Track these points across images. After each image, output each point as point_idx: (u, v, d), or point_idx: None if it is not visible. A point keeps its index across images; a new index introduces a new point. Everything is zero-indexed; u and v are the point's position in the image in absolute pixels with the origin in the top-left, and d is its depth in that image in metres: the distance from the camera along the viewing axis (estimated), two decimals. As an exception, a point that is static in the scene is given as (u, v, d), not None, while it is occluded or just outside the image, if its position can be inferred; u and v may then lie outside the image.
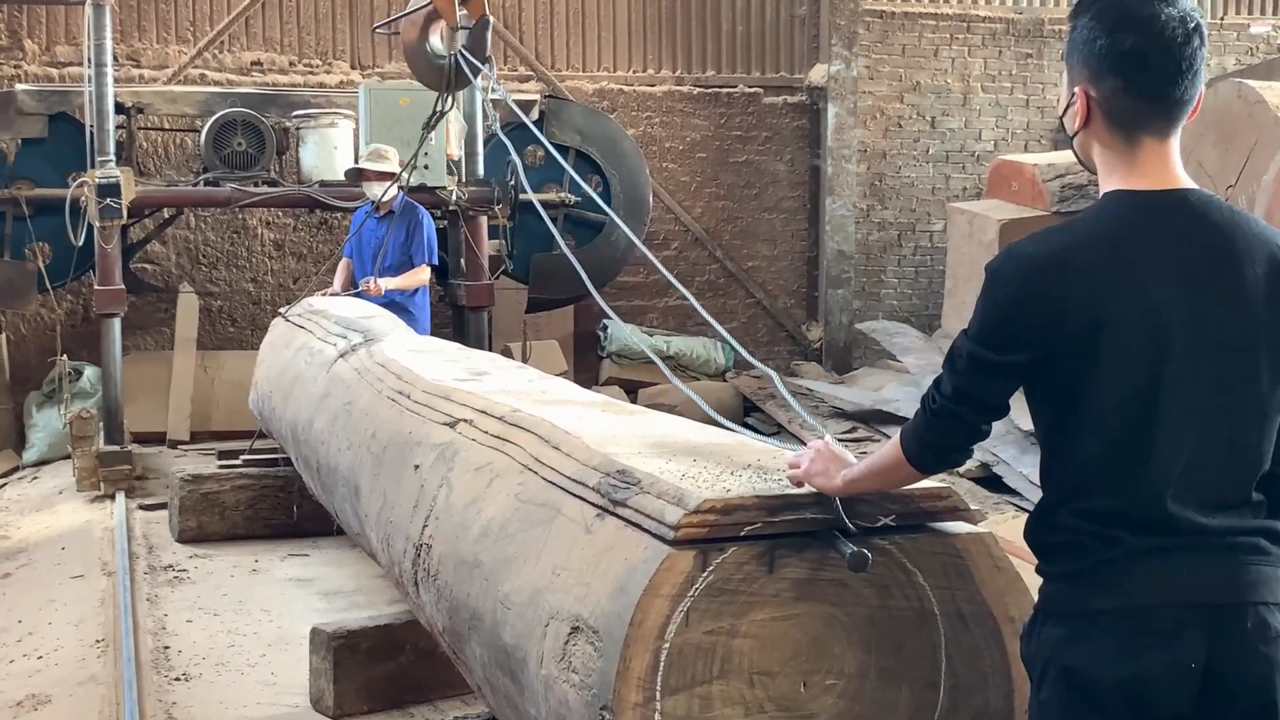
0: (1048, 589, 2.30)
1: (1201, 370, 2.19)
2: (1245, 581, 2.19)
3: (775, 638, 2.58)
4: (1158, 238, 2.20)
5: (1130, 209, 2.23)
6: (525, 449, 3.47)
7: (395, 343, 5.68)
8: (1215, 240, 2.22)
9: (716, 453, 3.14)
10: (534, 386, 4.58)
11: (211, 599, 6.08)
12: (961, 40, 12.42)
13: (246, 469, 7.34)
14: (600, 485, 2.95)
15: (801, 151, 12.37)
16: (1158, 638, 2.17)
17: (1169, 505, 2.19)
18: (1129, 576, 2.19)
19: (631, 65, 12.01)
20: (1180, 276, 2.19)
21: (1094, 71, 2.24)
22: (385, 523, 4.20)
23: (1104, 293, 2.17)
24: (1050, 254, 2.21)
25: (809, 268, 12.42)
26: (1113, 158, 2.28)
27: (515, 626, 2.99)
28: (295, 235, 11.29)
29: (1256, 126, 8.07)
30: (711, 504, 2.60)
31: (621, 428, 3.57)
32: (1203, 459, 2.20)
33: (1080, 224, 2.26)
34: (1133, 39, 2.20)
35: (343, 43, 11.38)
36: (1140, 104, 2.23)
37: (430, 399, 4.40)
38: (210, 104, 9.59)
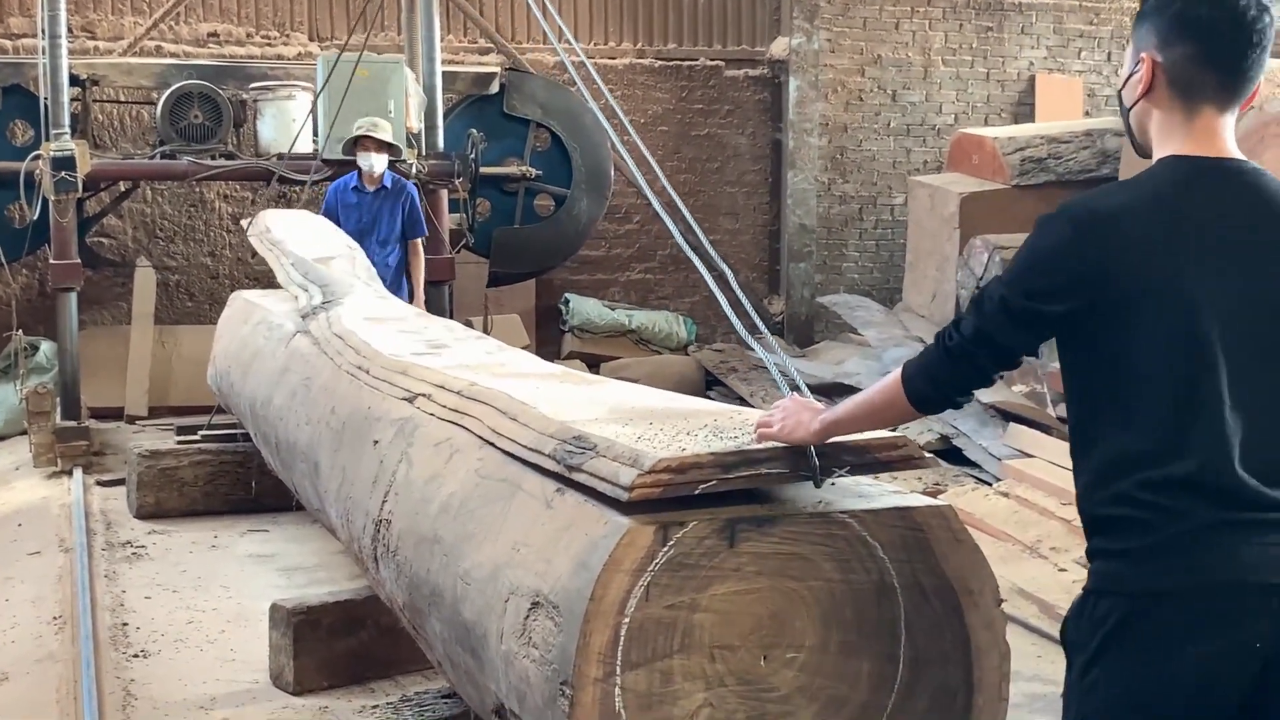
0: (1105, 567, 2.22)
1: (1252, 335, 2.18)
2: None
3: (736, 612, 2.58)
4: (1211, 202, 2.21)
5: (1185, 173, 2.24)
6: (483, 421, 3.45)
7: (354, 310, 5.63)
8: (1268, 208, 2.23)
9: (674, 415, 3.14)
10: (492, 359, 4.56)
11: (170, 575, 6.04)
12: (922, 14, 12.42)
13: (205, 445, 7.30)
14: (556, 452, 2.93)
15: (763, 125, 12.35)
16: (1226, 618, 2.12)
17: (1235, 474, 2.14)
18: (1199, 554, 2.13)
19: (593, 38, 11.95)
20: (1231, 242, 2.19)
21: (1163, 38, 2.26)
22: (345, 499, 4.18)
23: (1154, 254, 2.17)
24: (1103, 210, 2.21)
25: (771, 241, 12.42)
26: (1171, 125, 2.28)
27: (475, 602, 2.98)
28: (253, 209, 11.17)
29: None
30: (666, 463, 2.60)
31: (579, 397, 3.56)
32: (1260, 428, 2.17)
33: (1135, 184, 2.26)
34: (1207, 7, 2.22)
35: (300, 14, 11.27)
36: (1207, 72, 2.24)
37: (389, 374, 4.37)
38: (166, 76, 9.49)
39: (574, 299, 11.37)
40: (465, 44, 11.56)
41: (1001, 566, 5.67)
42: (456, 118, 10.09)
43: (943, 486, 7.32)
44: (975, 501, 6.97)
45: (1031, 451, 7.45)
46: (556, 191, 10.43)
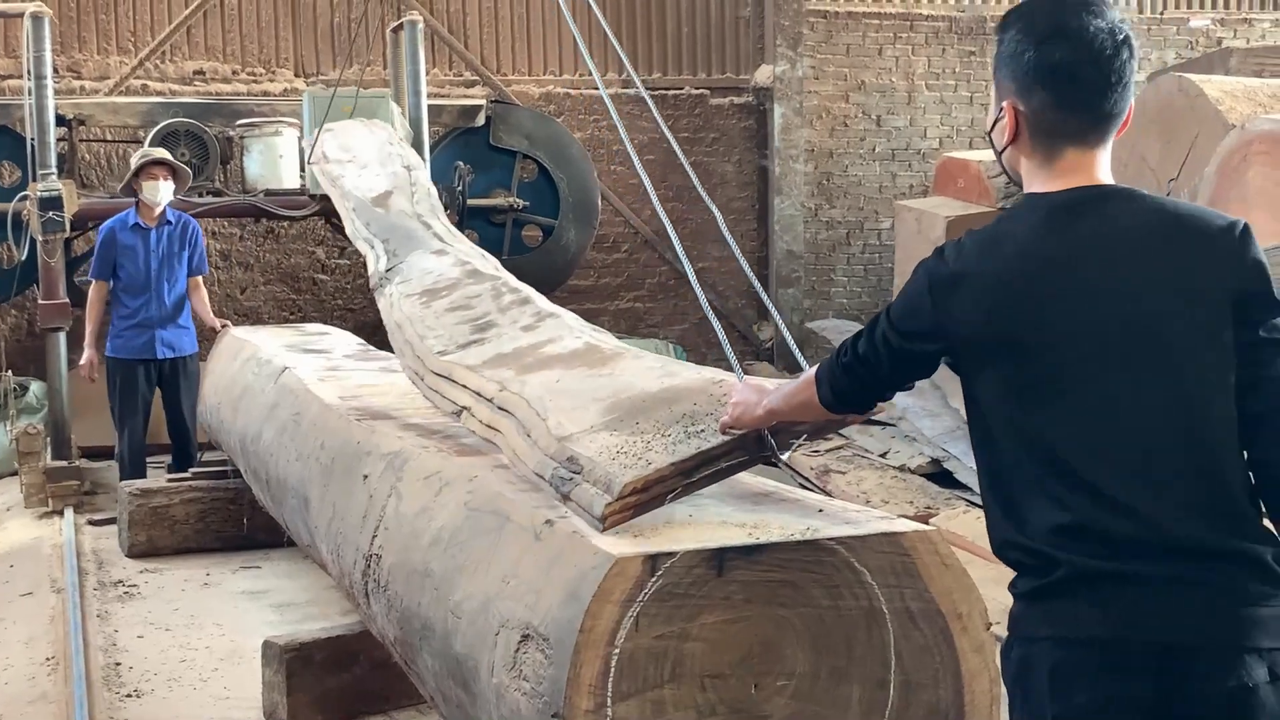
0: (1013, 609, 2.18)
1: (1137, 360, 2.09)
2: (1211, 618, 2.02)
3: (726, 640, 2.59)
4: (1068, 234, 2.14)
5: (1046, 209, 2.17)
6: (507, 439, 3.54)
7: (414, 278, 5.61)
8: (1128, 228, 2.14)
9: (661, 404, 3.19)
10: (530, 339, 4.44)
11: (162, 614, 6.03)
12: (905, 39, 12.48)
13: (196, 482, 7.27)
14: (553, 479, 3.05)
15: (749, 152, 12.39)
16: (1109, 671, 2.03)
17: (1116, 521, 2.04)
18: (1079, 604, 2.05)
19: (578, 69, 11.99)
20: (1093, 272, 2.11)
21: (1022, 85, 2.19)
22: (335, 534, 4.18)
23: (1003, 305, 2.13)
24: (949, 271, 2.19)
25: (759, 267, 12.44)
26: (1035, 167, 2.22)
27: (466, 636, 2.98)
28: (241, 245, 11.21)
29: (1198, 120, 8.15)
30: (632, 485, 2.74)
31: (587, 391, 3.58)
32: (1138, 469, 2.06)
33: (1000, 225, 2.21)
34: (1061, 52, 2.14)
35: (286, 50, 11.31)
36: (1069, 117, 2.17)
37: (438, 383, 4.38)
38: (153, 114, 9.50)
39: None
40: (451, 77, 11.61)
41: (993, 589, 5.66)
42: (443, 150, 10.12)
43: (934, 510, 7.32)
44: (967, 524, 6.97)
45: (1022, 473, 7.45)
46: (544, 222, 10.45)
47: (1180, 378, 2.09)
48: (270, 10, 11.28)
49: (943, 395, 8.37)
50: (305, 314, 11.04)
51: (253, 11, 11.25)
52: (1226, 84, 8.52)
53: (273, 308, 11.23)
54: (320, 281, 11.39)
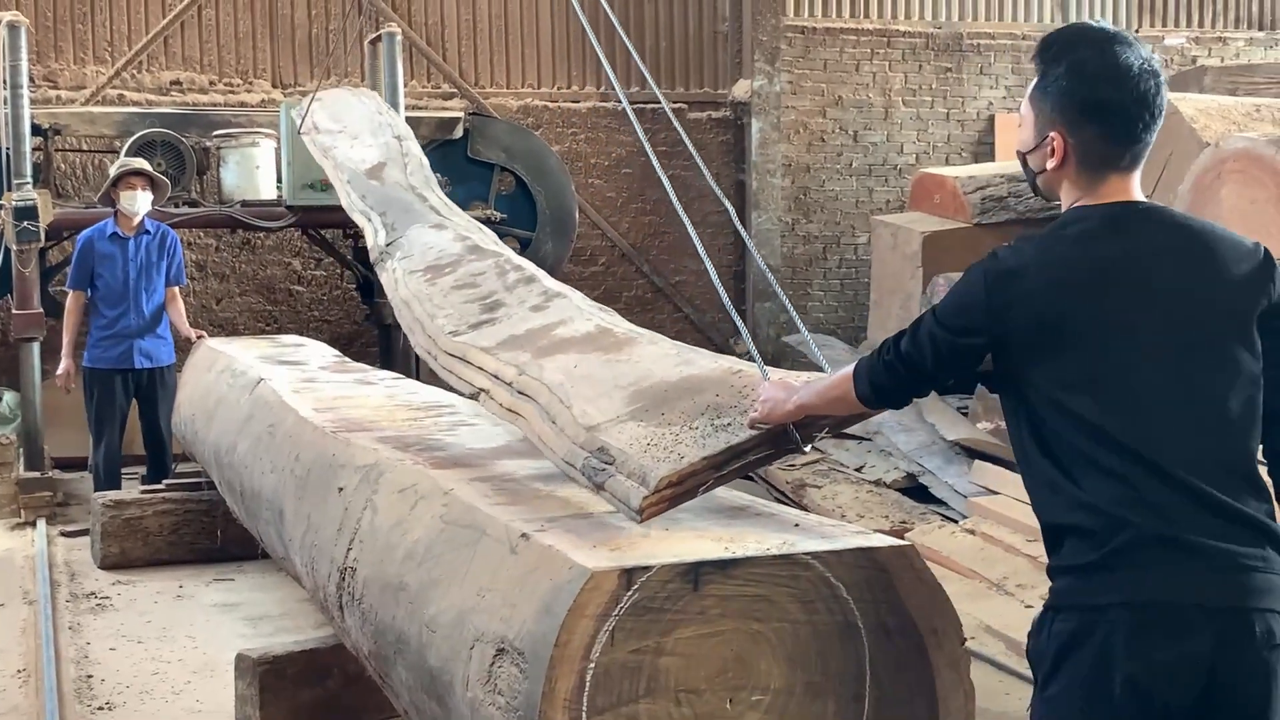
0: (1060, 583, 2.34)
1: (1168, 358, 2.31)
2: (1251, 588, 2.25)
3: (701, 655, 2.59)
4: (1116, 239, 2.36)
5: (1092, 218, 2.39)
6: (530, 424, 3.59)
7: (415, 254, 5.60)
8: (1168, 234, 2.38)
9: (683, 394, 3.23)
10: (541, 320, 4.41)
11: (135, 626, 5.99)
12: (882, 55, 12.53)
13: (169, 493, 7.24)
14: (585, 469, 3.11)
15: (727, 166, 12.41)
16: (1168, 634, 2.22)
17: (1170, 491, 2.26)
18: (1140, 572, 2.24)
19: (556, 82, 12.00)
20: (1139, 269, 2.33)
21: (1071, 120, 2.40)
22: (309, 546, 4.16)
23: (1058, 298, 2.32)
24: (1005, 267, 2.37)
25: (736, 281, 12.46)
26: (1079, 190, 2.43)
27: (441, 649, 2.97)
28: (218, 256, 11.18)
29: (1172, 137, 8.20)
30: (667, 479, 2.80)
31: (608, 378, 3.60)
32: (1191, 448, 2.28)
33: (1042, 238, 2.42)
34: (1110, 91, 2.37)
35: (263, 61, 11.29)
36: (1114, 148, 2.39)
37: (451, 363, 4.38)
38: (129, 124, 9.47)
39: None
40: (429, 89, 11.60)
41: (968, 604, 5.69)
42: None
43: (909, 524, 7.33)
44: (942, 539, 6.99)
45: (997, 488, 7.47)
46: (522, 235, 10.44)
47: (1216, 369, 2.34)
48: (248, 21, 11.26)
49: (918, 410, 8.38)
50: (281, 325, 11.01)
51: (230, 22, 11.23)
52: (1201, 102, 8.58)
53: (248, 319, 11.20)
54: (296, 293, 11.36)
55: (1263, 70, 10.61)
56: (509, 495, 3.36)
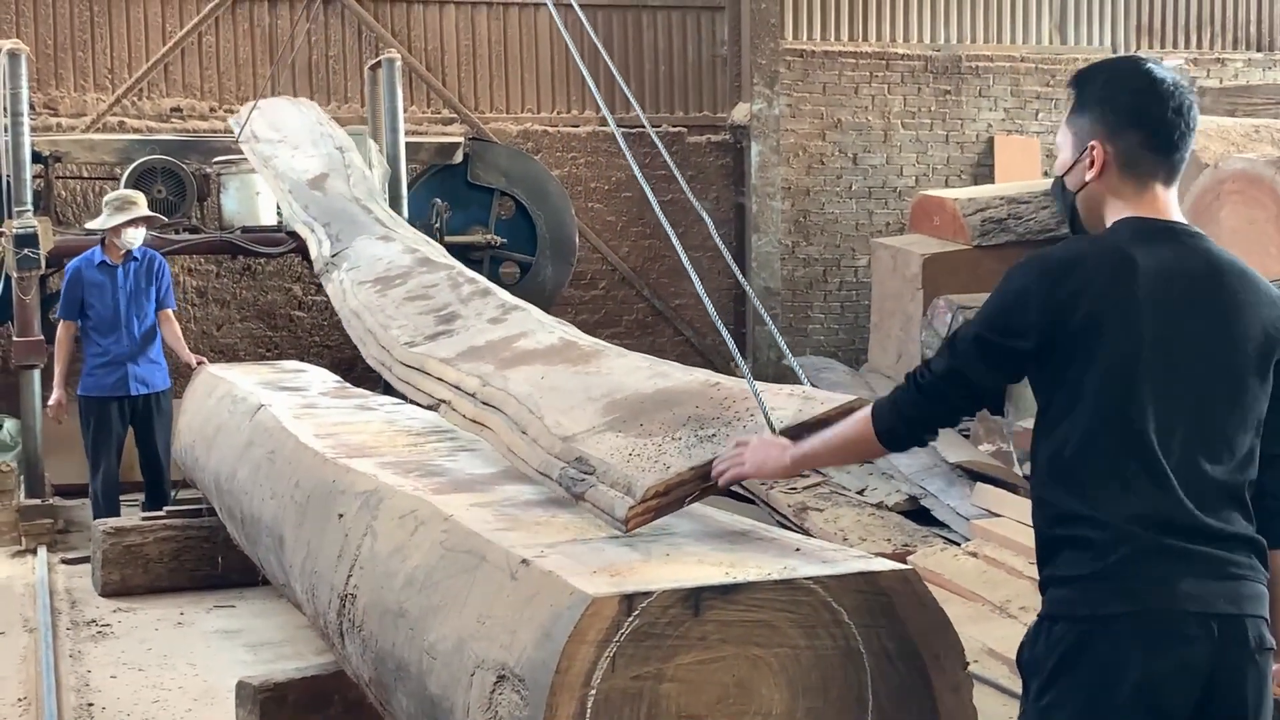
0: (1056, 593, 2.39)
1: (1192, 377, 2.38)
2: (1244, 594, 2.34)
3: (702, 681, 2.58)
4: (1161, 256, 2.40)
5: (1138, 230, 2.44)
6: (499, 435, 3.62)
7: (362, 264, 5.60)
8: (1210, 264, 2.44)
9: (662, 406, 3.23)
10: (500, 332, 4.39)
11: (136, 653, 5.98)
12: (881, 78, 12.55)
13: (170, 520, 7.23)
14: (562, 478, 3.12)
15: (726, 189, 12.43)
16: (1166, 643, 2.29)
17: (1176, 503, 2.33)
18: (1140, 581, 2.30)
19: (555, 106, 12.03)
20: (1177, 292, 2.39)
21: (1113, 128, 2.47)
22: (310, 573, 4.15)
23: (1108, 294, 2.36)
24: (1064, 257, 2.42)
25: (736, 305, 12.46)
26: (1125, 201, 2.49)
27: (441, 676, 2.96)
28: (218, 282, 11.19)
29: (1170, 159, 8.20)
30: (654, 489, 2.81)
31: (578, 389, 3.60)
32: (1198, 462, 2.36)
33: (1094, 238, 2.48)
34: (1149, 100, 2.46)
35: (264, 88, 11.31)
36: (1155, 155, 2.47)
37: (409, 374, 4.39)
38: (129, 151, 9.49)
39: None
40: (429, 114, 11.63)
41: (971, 627, 5.67)
42: (421, 187, 10.13)
43: (911, 547, 7.32)
44: (944, 562, 6.97)
45: (999, 511, 7.46)
46: (522, 259, 10.46)
47: (1232, 403, 2.42)
48: (248, 48, 11.29)
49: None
50: (282, 351, 11.01)
51: (230, 49, 11.26)
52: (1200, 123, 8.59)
53: (249, 345, 11.20)
54: (297, 318, 11.37)
55: (1261, 91, 10.64)
56: (509, 521, 3.35)
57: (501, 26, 11.86)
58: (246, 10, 11.30)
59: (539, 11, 11.93)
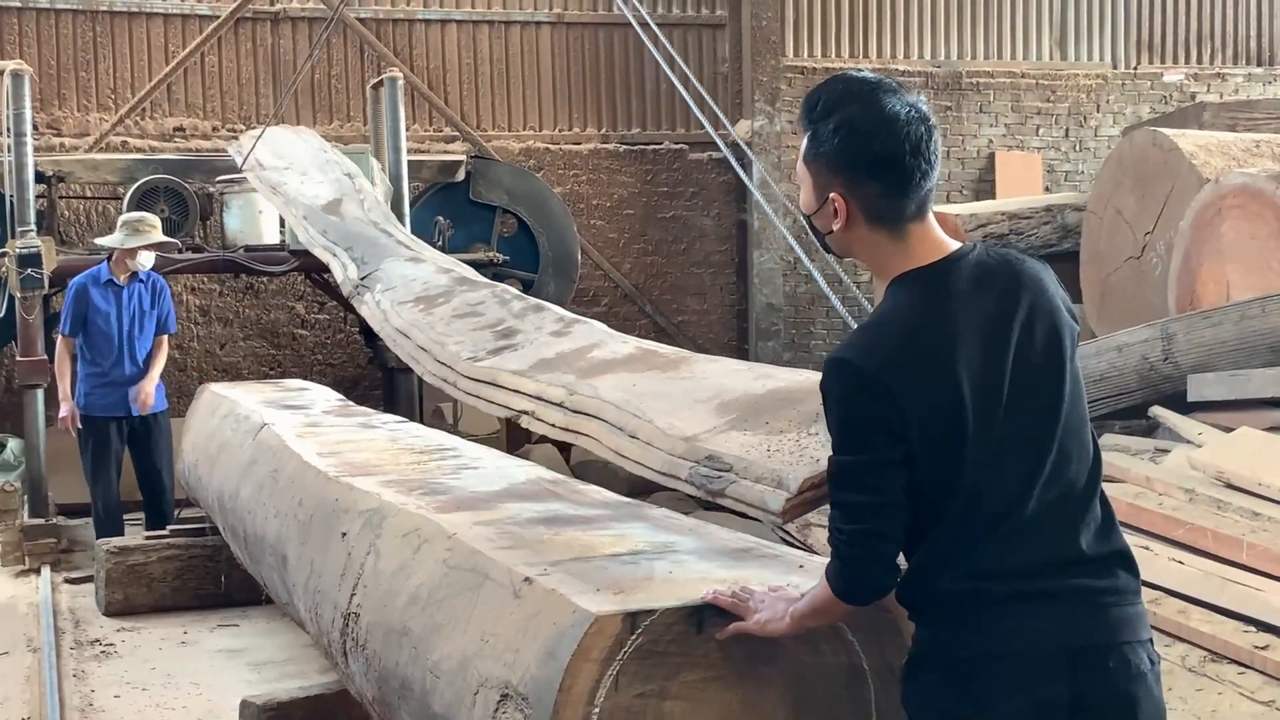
0: (922, 634, 2.38)
1: (1033, 410, 2.31)
2: (1108, 623, 2.30)
3: (706, 699, 2.57)
4: (957, 303, 2.32)
5: (922, 288, 2.35)
6: (600, 440, 3.53)
7: (397, 287, 5.56)
8: (1000, 286, 2.35)
9: (781, 405, 3.17)
10: (569, 346, 4.32)
11: (139, 673, 5.98)
12: (882, 94, 12.56)
13: (174, 539, 7.23)
14: (693, 476, 3.03)
15: (728, 206, 12.45)
16: (1027, 682, 2.26)
17: (1025, 549, 2.29)
18: (998, 626, 2.28)
19: (557, 124, 12.06)
20: (989, 332, 2.30)
21: (849, 178, 2.35)
22: (313, 591, 4.15)
23: (931, 375, 2.28)
24: (872, 359, 2.29)
25: (739, 321, 12.48)
26: (885, 248, 2.39)
27: (445, 695, 2.96)
28: (221, 300, 11.21)
29: (1172, 173, 8.22)
30: (810, 481, 2.73)
31: (679, 394, 3.54)
32: (1055, 493, 2.32)
33: (886, 316, 2.35)
34: (885, 146, 2.32)
35: (266, 107, 11.34)
36: (898, 201, 2.35)
37: (478, 387, 4.34)
38: (132, 171, 9.52)
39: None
40: (431, 132, 11.66)
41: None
42: (424, 205, 10.15)
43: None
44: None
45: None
46: (524, 276, 10.47)
47: (1057, 416, 2.33)
48: (250, 67, 11.33)
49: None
50: (285, 369, 11.03)
51: (233, 69, 11.30)
52: (1201, 138, 8.60)
53: (252, 363, 11.21)
54: (300, 337, 11.38)
55: (1262, 106, 10.65)
56: (512, 539, 3.35)
57: (503, 45, 11.90)
58: (249, 30, 11.35)
59: (540, 30, 11.98)
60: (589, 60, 12.11)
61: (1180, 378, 6.75)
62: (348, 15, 11.41)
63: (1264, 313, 6.53)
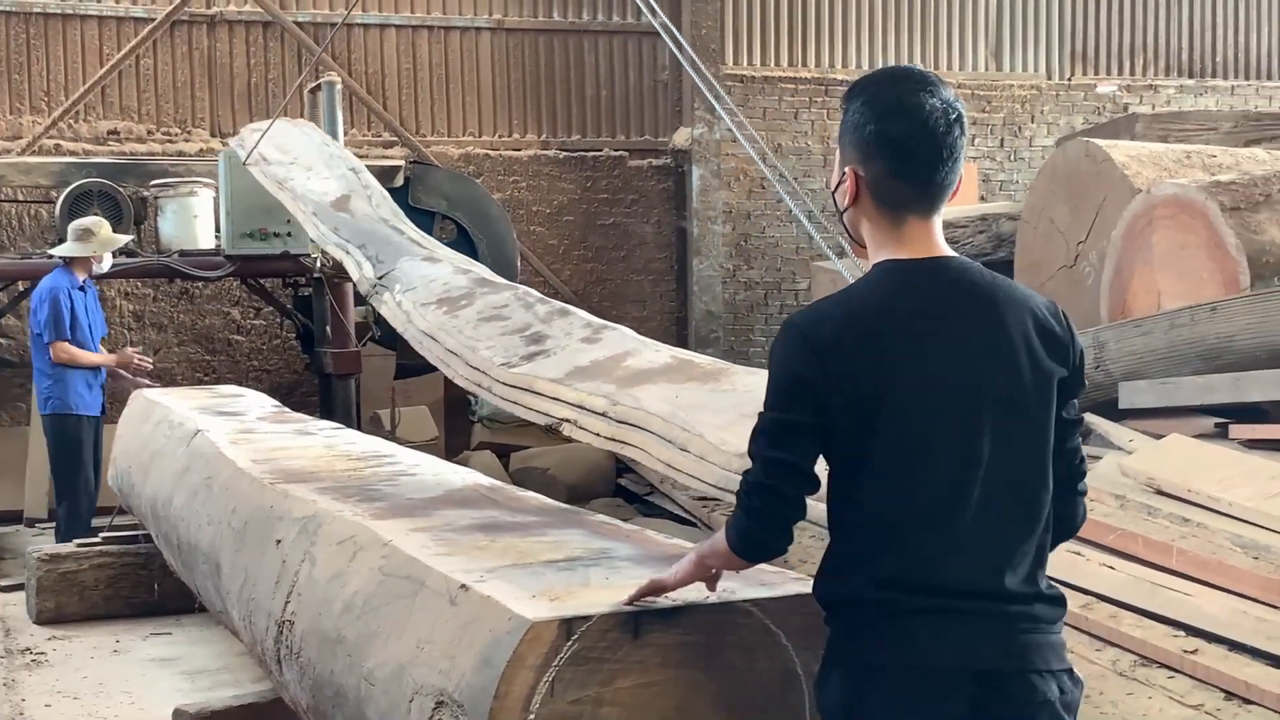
0: (832, 639, 2.37)
1: (978, 430, 2.28)
2: (1016, 649, 2.27)
3: (641, 705, 2.58)
4: (926, 302, 2.32)
5: (898, 276, 2.35)
6: (648, 451, 3.52)
7: (418, 287, 5.54)
8: (979, 300, 2.34)
9: None
10: (605, 353, 4.34)
11: (71, 682, 5.90)
12: (820, 103, 12.66)
13: (106, 547, 7.14)
14: None
15: (668, 213, 12.48)
16: (928, 696, 2.25)
17: (948, 569, 2.27)
18: (906, 637, 2.26)
19: (497, 130, 12.05)
20: (950, 338, 2.30)
21: (863, 154, 2.36)
22: (247, 599, 4.12)
23: (878, 361, 2.27)
24: (824, 329, 2.30)
25: (678, 328, 12.51)
26: (881, 234, 2.39)
27: (379, 703, 2.95)
28: (155, 306, 11.10)
29: (1105, 184, 8.32)
30: None
31: (727, 406, 3.51)
32: (983, 521, 2.28)
33: (853, 294, 2.37)
34: (900, 126, 2.33)
35: (202, 110, 11.26)
36: (905, 186, 2.35)
37: (514, 394, 4.34)
38: (65, 174, 9.42)
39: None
40: (370, 137, 11.61)
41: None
42: (361, 211, 10.09)
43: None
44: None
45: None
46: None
47: (1013, 441, 2.31)
48: (186, 70, 11.23)
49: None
50: (220, 375, 10.94)
51: (169, 72, 11.20)
52: (1133, 149, 8.71)
53: (187, 369, 11.11)
54: (235, 342, 11.29)
55: (1193, 117, 10.80)
56: (449, 546, 3.34)
57: (443, 50, 11.87)
58: (185, 33, 11.25)
59: (480, 35, 11.96)
60: (529, 66, 12.10)
61: (1112, 385, 6.83)
62: (284, 18, 11.35)
63: (1193, 322, 6.63)
